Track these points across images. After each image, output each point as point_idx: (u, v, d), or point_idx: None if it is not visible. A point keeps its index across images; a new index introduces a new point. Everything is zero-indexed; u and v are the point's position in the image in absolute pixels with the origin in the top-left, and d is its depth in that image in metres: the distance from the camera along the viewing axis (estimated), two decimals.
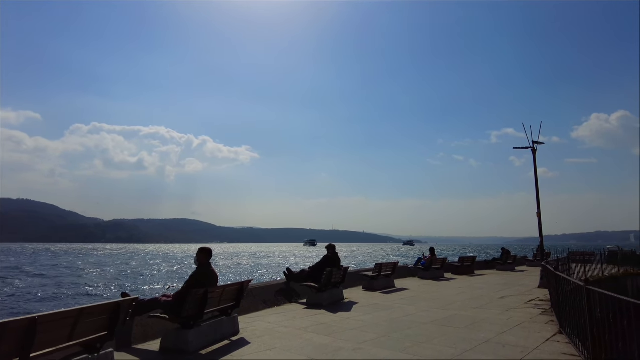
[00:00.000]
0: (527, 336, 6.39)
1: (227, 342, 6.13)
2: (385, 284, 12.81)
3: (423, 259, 16.54)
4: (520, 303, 9.80)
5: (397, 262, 13.69)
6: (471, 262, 19.17)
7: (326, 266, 9.86)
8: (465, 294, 11.66)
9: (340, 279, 10.29)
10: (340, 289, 10.39)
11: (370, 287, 12.39)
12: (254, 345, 5.96)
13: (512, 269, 21.17)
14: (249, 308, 8.65)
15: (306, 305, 9.43)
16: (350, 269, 14.46)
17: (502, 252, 22.08)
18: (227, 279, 35.26)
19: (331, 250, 10.32)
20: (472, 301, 10.16)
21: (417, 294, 11.62)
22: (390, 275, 13.24)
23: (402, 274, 16.31)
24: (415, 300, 10.29)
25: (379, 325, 7.30)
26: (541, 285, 12.87)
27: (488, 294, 11.64)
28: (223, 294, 6.26)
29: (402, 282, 14.56)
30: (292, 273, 10.47)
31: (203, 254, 6.21)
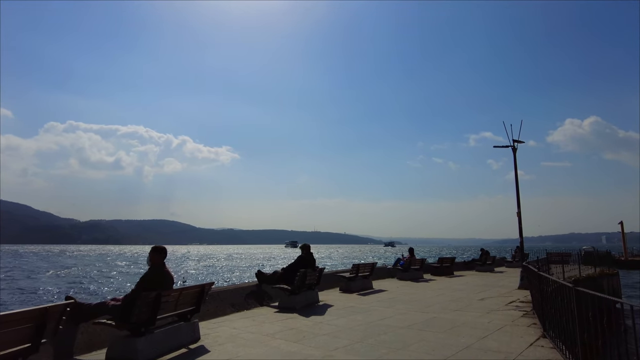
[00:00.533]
0: (509, 341, 5.98)
1: (184, 351, 5.52)
2: (362, 285, 12.34)
3: (402, 260, 16.18)
4: (500, 305, 9.47)
5: (375, 263, 13.26)
6: (450, 263, 18.93)
7: (300, 267, 9.32)
8: (444, 295, 11.29)
9: (315, 281, 9.77)
10: (315, 291, 9.86)
11: (347, 288, 11.90)
12: (213, 354, 5.37)
13: (492, 270, 21.06)
14: (215, 312, 8.03)
15: (278, 309, 8.86)
16: (328, 270, 13.96)
17: (481, 253, 21.97)
18: (198, 281, 34.11)
19: (305, 251, 9.79)
20: (451, 303, 9.77)
21: (395, 295, 11.19)
22: (368, 276, 12.79)
23: (380, 274, 15.90)
24: (392, 302, 9.85)
25: (353, 330, 6.79)
26: (521, 286, 12.63)
27: (468, 295, 11.30)
28: (180, 297, 5.64)
29: (380, 283, 14.13)
30: (264, 275, 9.88)
31: (156, 253, 5.59)
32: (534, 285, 7.94)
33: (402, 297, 10.76)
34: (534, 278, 7.71)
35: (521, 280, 12.73)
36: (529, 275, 8.97)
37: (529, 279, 9.49)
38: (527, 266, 9.63)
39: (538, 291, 7.00)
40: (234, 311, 8.44)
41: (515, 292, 11.80)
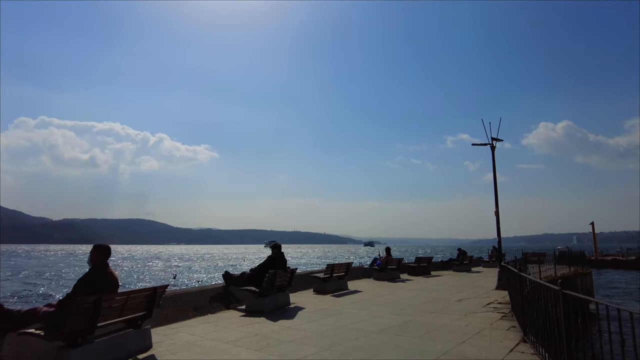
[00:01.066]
0: (488, 346, 5.59)
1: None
2: (337, 286, 11.86)
3: (379, 259, 15.79)
4: (478, 306, 9.13)
5: (350, 263, 12.80)
6: (427, 263, 18.68)
7: (269, 268, 8.76)
8: (420, 296, 10.93)
9: (286, 282, 9.22)
10: (286, 293, 9.32)
11: (322, 289, 11.40)
12: None
13: (469, 269, 20.94)
14: (175, 316, 7.40)
15: (245, 313, 8.28)
16: (302, 271, 13.42)
17: (459, 252, 21.84)
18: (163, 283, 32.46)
19: (276, 250, 9.24)
20: (428, 304, 9.39)
21: (371, 296, 10.75)
22: (343, 276, 12.32)
23: (356, 275, 15.47)
24: (367, 304, 9.39)
25: (322, 335, 6.28)
26: (498, 286, 12.40)
27: (444, 296, 10.96)
28: (127, 301, 5.01)
29: (356, 283, 13.69)
30: (231, 276, 9.28)
31: (97, 252, 4.93)
32: (513, 286, 7.62)
33: (378, 299, 10.33)
34: (514, 279, 7.38)
35: (499, 281, 12.49)
36: (508, 276, 8.66)
37: (507, 280, 9.19)
38: (506, 267, 9.33)
39: (518, 293, 6.65)
40: (197, 315, 7.82)
41: (493, 293, 11.54)
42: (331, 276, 11.58)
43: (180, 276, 37.37)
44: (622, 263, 48.97)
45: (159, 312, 7.23)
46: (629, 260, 50.03)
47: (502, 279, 12.46)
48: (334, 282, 11.76)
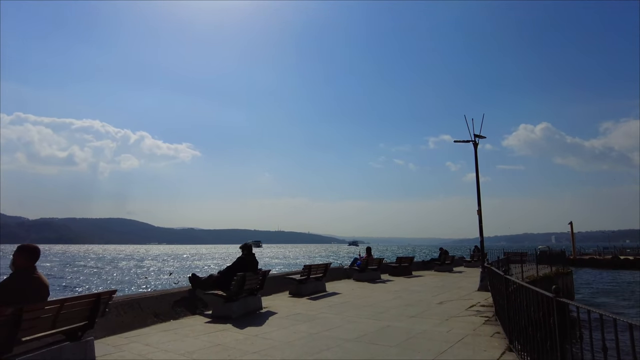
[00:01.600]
0: (472, 355, 5.10)
1: None
2: (314, 288, 11.30)
3: (359, 260, 15.29)
4: (460, 309, 8.69)
5: (329, 264, 12.25)
6: (409, 263, 18.28)
7: (239, 270, 8.13)
8: (401, 298, 10.45)
9: (257, 285, 8.60)
10: (258, 297, 8.69)
11: (298, 292, 10.82)
12: None
13: (450, 269, 20.65)
14: (132, 324, 6.71)
15: (211, 319, 7.63)
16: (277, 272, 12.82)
17: (440, 252, 21.55)
18: (128, 285, 31.10)
19: (246, 251, 8.61)
20: (408, 308, 8.90)
21: (349, 299, 10.22)
22: (321, 277, 11.75)
23: (336, 275, 14.94)
24: (344, 308, 8.85)
25: (291, 345, 5.70)
26: (481, 287, 12.03)
27: (426, 298, 10.51)
28: (61, 311, 4.32)
29: (335, 285, 13.15)
30: (198, 278, 8.62)
31: (22, 254, 4.22)
32: (497, 289, 7.17)
33: (356, 301, 9.80)
34: (498, 281, 6.94)
35: (481, 282, 12.13)
36: (492, 278, 8.22)
37: (491, 282, 8.76)
38: (490, 268, 8.91)
39: (503, 297, 6.19)
40: (158, 322, 7.14)
41: (475, 295, 11.15)
42: (308, 278, 11.01)
43: (152, 279, 35.92)
44: (599, 262, 49.91)
45: (114, 320, 6.55)
46: (605, 259, 51.04)
47: (484, 280, 12.10)
48: (310, 284, 11.19)
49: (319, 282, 11.65)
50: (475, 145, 12.88)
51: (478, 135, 12.88)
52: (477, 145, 12.87)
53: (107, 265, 56.04)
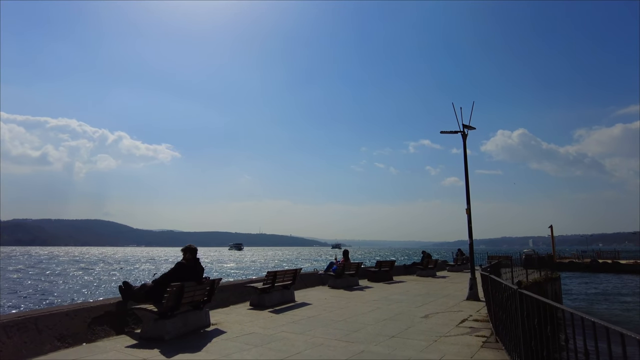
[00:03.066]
0: None
1: None
2: (281, 298, 9.73)
3: (335, 264, 13.78)
4: (450, 325, 7.25)
5: (298, 269, 10.67)
6: (389, 267, 16.86)
7: (176, 278, 6.50)
8: (380, 310, 8.96)
9: (203, 297, 6.99)
10: (204, 312, 7.08)
11: (260, 303, 9.24)
12: None
13: (434, 274, 19.33)
14: (19, 352, 5.01)
15: (137, 340, 5.99)
16: (236, 280, 11.18)
17: (423, 255, 20.20)
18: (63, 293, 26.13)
19: (189, 254, 6.96)
20: (387, 324, 7.41)
21: (320, 311, 8.68)
22: (289, 285, 10.18)
23: (309, 282, 13.39)
24: (312, 324, 7.31)
25: None
26: (470, 296, 10.66)
27: (408, 309, 9.06)
28: None
29: (306, 293, 11.60)
30: (131, 288, 6.95)
31: None
32: (498, 302, 5.74)
33: (327, 315, 8.26)
34: (498, 293, 5.52)
35: (470, 290, 10.76)
36: (489, 287, 6.80)
37: (487, 292, 7.37)
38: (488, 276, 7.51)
39: (507, 313, 4.75)
40: (62, 347, 5.47)
41: (465, 305, 9.76)
42: (272, 286, 9.42)
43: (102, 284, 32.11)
44: (578, 265, 49.98)
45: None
46: (584, 262, 51.16)
47: (474, 288, 10.75)
48: (276, 293, 9.62)
49: (287, 290, 10.08)
50: (464, 137, 11.55)
51: (467, 125, 11.56)
52: (466, 136, 11.55)
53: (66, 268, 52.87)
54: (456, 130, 11.61)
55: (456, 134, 11.62)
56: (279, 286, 9.85)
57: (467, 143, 11.64)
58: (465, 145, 11.60)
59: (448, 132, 11.69)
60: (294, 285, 10.57)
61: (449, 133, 11.68)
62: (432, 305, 9.72)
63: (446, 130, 11.74)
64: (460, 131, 11.56)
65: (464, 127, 11.56)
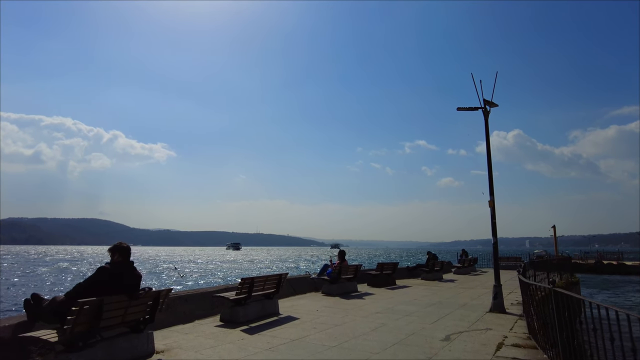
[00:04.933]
0: None
1: None
2: (260, 310, 7.75)
3: (330, 267, 11.79)
4: (485, 355, 5.27)
5: (283, 274, 8.64)
6: (392, 270, 14.89)
7: (98, 289, 4.50)
8: (386, 327, 6.98)
9: (143, 315, 5.00)
10: (146, 335, 5.09)
11: (232, 318, 7.25)
12: None
13: (440, 277, 17.38)
14: None
15: None
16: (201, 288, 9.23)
17: (428, 257, 18.23)
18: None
19: (119, 256, 4.93)
20: (398, 352, 5.43)
21: (308, 330, 6.69)
22: (272, 294, 8.20)
23: (300, 288, 11.41)
24: (294, 352, 5.33)
25: None
26: (495, 307, 8.70)
27: (422, 327, 7.08)
28: None
29: (295, 302, 9.63)
30: (41, 303, 4.94)
31: None
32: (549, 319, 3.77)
33: (317, 337, 6.27)
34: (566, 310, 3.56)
35: (495, 299, 8.78)
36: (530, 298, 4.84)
37: (534, 305, 5.42)
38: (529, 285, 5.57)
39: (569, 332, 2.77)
40: None
41: (491, 319, 7.79)
42: (249, 296, 7.43)
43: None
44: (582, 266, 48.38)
45: None
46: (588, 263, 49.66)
47: (498, 297, 8.79)
48: (254, 305, 7.63)
49: (269, 301, 8.09)
50: (485, 114, 9.60)
51: (488, 101, 9.61)
52: (488, 113, 9.59)
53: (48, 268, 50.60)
54: (476, 107, 9.65)
55: (476, 111, 9.67)
56: (259, 295, 7.87)
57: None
58: (487, 126, 9.63)
59: (466, 108, 9.72)
60: (279, 294, 8.59)
61: (468, 110, 9.71)
62: (449, 320, 7.75)
63: (464, 106, 9.78)
64: (481, 107, 9.61)
65: (485, 103, 9.61)
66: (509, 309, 8.97)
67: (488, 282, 16.25)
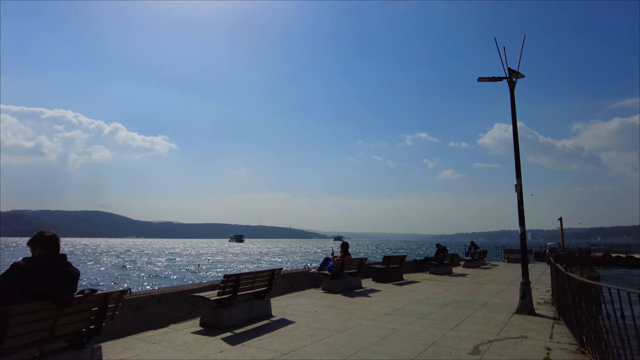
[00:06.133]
0: None
1: None
2: (247, 312, 6.56)
3: (331, 260, 10.58)
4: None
5: (277, 270, 7.42)
6: (399, 264, 13.71)
7: (13, 293, 3.28)
8: (398, 334, 5.79)
9: (86, 325, 3.79)
10: (90, 350, 3.88)
11: (214, 321, 6.06)
12: None
13: (450, 271, 16.19)
14: None
15: None
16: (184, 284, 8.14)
17: (438, 249, 17.02)
18: None
19: (42, 250, 3.65)
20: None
21: (304, 339, 5.49)
22: (263, 293, 7.00)
23: (297, 283, 10.23)
24: None
25: None
26: (523, 308, 7.48)
27: (442, 333, 5.88)
28: None
29: (291, 301, 8.45)
30: None
31: None
32: None
33: (313, 348, 5.07)
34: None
35: (522, 299, 7.56)
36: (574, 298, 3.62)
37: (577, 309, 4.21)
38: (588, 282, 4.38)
39: None
40: None
41: (521, 323, 6.58)
42: (234, 296, 6.22)
43: None
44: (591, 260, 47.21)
45: None
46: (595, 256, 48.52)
47: (527, 297, 7.57)
48: (241, 306, 6.44)
49: (259, 301, 6.90)
50: (510, 85, 8.30)
51: (514, 71, 8.32)
52: (513, 84, 8.30)
53: None
54: (500, 77, 8.36)
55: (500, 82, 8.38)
56: (249, 294, 6.68)
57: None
58: (513, 99, 8.34)
59: (488, 79, 8.43)
60: (272, 292, 7.40)
61: (490, 80, 8.42)
62: (472, 324, 6.54)
63: (485, 77, 8.48)
64: (506, 77, 8.32)
65: (510, 73, 8.31)
66: (537, 309, 7.77)
67: (503, 277, 15.06)
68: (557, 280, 7.23)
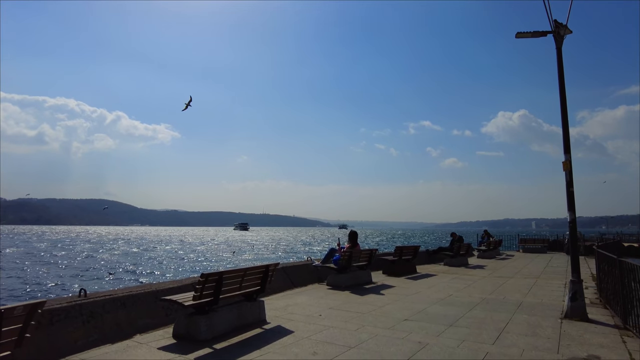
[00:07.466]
0: None
1: None
2: (234, 320, 5.23)
3: (337, 252, 9.23)
4: None
5: (271, 265, 6.07)
6: (412, 255, 12.39)
7: None
8: (427, 353, 4.45)
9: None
10: None
11: (190, 332, 4.75)
12: None
13: (466, 263, 14.85)
14: None
15: None
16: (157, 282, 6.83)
17: (453, 239, 15.63)
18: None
19: None
20: None
21: (301, 356, 4.17)
22: (254, 294, 5.67)
23: (298, 278, 8.92)
24: None
25: None
26: (573, 312, 6.11)
27: (484, 351, 4.54)
28: None
29: (290, 301, 7.13)
30: None
31: None
32: None
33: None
34: None
35: (572, 300, 6.17)
36: None
37: None
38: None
39: None
40: None
41: (578, 332, 5.21)
42: (215, 300, 4.89)
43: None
44: None
45: None
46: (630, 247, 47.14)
47: (578, 298, 6.18)
48: (226, 312, 5.11)
49: (250, 303, 5.56)
50: (557, 40, 6.81)
51: (561, 24, 6.82)
52: (561, 39, 6.81)
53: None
54: (544, 31, 6.87)
55: (545, 37, 6.89)
56: (235, 296, 5.35)
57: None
58: (560, 57, 6.84)
59: (530, 33, 6.94)
60: (263, 292, 6.08)
61: (532, 36, 6.93)
62: (517, 335, 5.18)
63: (525, 31, 6.99)
64: (552, 31, 6.82)
65: (557, 27, 6.82)
66: (588, 312, 6.39)
67: (524, 269, 13.70)
68: (620, 277, 5.82)
